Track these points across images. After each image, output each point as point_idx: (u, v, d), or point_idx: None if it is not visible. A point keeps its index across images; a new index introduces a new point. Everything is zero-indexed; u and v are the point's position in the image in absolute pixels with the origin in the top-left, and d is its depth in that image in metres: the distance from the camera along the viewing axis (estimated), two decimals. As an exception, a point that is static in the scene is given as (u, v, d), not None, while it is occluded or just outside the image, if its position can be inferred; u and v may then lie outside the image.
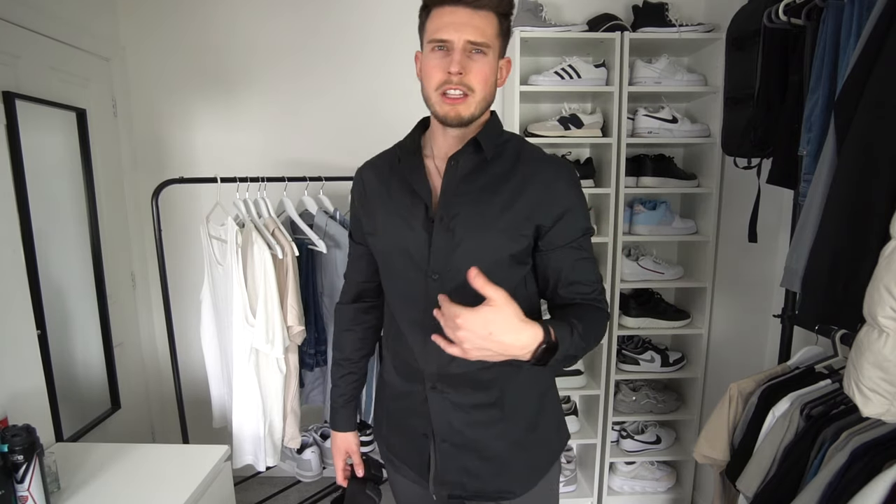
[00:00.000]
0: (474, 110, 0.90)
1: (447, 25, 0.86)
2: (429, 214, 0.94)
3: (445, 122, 0.91)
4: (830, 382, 1.25)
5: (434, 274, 0.94)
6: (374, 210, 1.02)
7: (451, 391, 0.99)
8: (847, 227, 0.98)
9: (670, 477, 2.25)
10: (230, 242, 1.59)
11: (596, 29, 1.93)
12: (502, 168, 0.95)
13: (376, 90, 2.18)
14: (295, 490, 2.19)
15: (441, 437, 1.01)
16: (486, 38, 0.87)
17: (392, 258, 1.00)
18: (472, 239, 0.92)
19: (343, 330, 1.17)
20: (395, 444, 1.11)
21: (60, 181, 1.82)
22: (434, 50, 0.88)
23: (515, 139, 1.00)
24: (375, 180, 1.03)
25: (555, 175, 0.94)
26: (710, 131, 1.99)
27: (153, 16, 2.13)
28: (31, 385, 1.41)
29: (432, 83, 0.89)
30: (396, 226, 0.97)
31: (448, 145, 0.96)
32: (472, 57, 0.87)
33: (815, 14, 1.17)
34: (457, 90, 0.88)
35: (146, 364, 2.31)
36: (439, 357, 0.93)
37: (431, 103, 0.91)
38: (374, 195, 1.02)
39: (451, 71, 0.86)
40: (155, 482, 1.31)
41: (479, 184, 0.94)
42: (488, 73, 0.89)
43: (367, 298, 1.15)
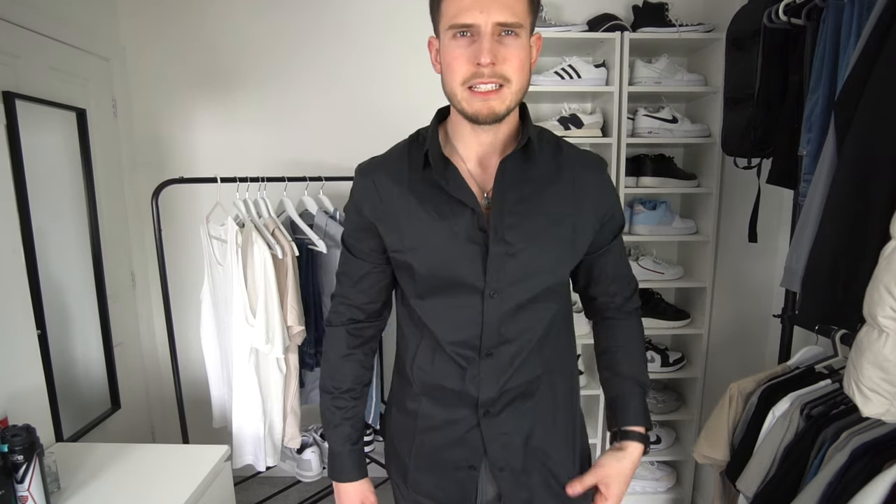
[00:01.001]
0: (510, 103, 0.78)
1: (471, 6, 0.73)
2: (477, 225, 0.83)
3: (477, 120, 0.79)
4: (830, 382, 1.25)
5: (492, 291, 0.84)
6: (402, 223, 0.86)
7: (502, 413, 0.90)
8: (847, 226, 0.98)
9: (670, 477, 2.25)
10: (230, 242, 1.59)
11: (596, 29, 1.93)
12: (545, 168, 0.86)
13: (376, 90, 2.18)
14: (295, 490, 2.19)
15: (498, 465, 0.92)
16: (518, 17, 0.74)
17: (437, 278, 0.86)
18: (531, 252, 0.84)
19: (341, 356, 0.97)
20: (427, 483, 0.96)
21: (60, 181, 1.82)
22: (456, 37, 0.75)
23: (547, 133, 0.91)
24: (395, 187, 0.86)
25: (598, 172, 0.90)
26: (710, 131, 1.99)
27: (153, 16, 2.13)
28: (31, 385, 1.41)
29: (457, 77, 0.76)
30: (441, 240, 0.84)
31: (480, 145, 0.85)
32: (502, 41, 0.74)
33: (815, 14, 1.17)
34: (489, 83, 0.75)
35: (146, 364, 2.31)
36: (497, 379, 0.88)
37: (458, 100, 0.78)
38: (397, 205, 0.86)
39: (482, 62, 0.73)
40: (155, 482, 1.31)
41: (528, 189, 0.85)
42: (524, 57, 0.77)
43: (367, 320, 0.98)
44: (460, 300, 0.86)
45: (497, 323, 0.85)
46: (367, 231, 0.90)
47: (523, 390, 0.91)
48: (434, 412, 0.93)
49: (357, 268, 0.94)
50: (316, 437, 2.10)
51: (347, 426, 0.96)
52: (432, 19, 0.82)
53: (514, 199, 0.84)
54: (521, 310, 0.86)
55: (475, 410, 0.90)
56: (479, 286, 0.84)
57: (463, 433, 0.91)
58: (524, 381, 0.90)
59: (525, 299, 0.85)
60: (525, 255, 0.84)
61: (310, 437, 2.08)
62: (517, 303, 0.85)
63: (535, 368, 0.91)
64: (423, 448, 0.95)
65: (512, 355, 0.88)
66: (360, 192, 0.90)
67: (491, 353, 0.87)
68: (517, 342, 0.88)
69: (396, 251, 0.88)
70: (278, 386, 1.69)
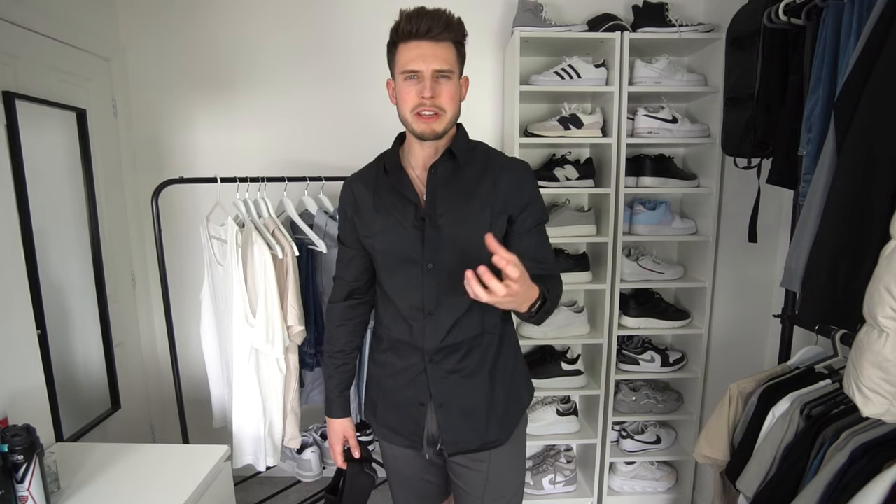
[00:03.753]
0: (446, 125, 1.07)
1: (416, 58, 1.02)
2: (418, 215, 1.11)
3: (423, 137, 1.07)
4: (830, 382, 1.25)
5: (429, 263, 1.11)
6: (368, 216, 1.17)
7: (445, 361, 1.16)
8: (847, 227, 0.98)
9: (670, 477, 2.25)
10: (230, 242, 1.59)
11: (596, 29, 1.93)
12: (475, 172, 1.14)
13: (376, 90, 2.17)
14: (295, 490, 2.19)
15: (438, 401, 1.17)
16: (450, 65, 1.04)
17: (391, 254, 1.16)
18: (457, 231, 1.10)
19: (336, 326, 1.29)
20: (390, 418, 1.24)
21: (60, 181, 1.82)
22: (407, 79, 1.05)
23: (481, 146, 1.19)
24: (365, 191, 1.18)
25: (520, 173, 1.15)
26: (710, 131, 1.99)
27: (153, 16, 2.13)
28: (31, 385, 1.41)
29: (408, 106, 1.06)
30: (392, 227, 1.13)
31: (425, 156, 1.13)
32: (439, 82, 1.04)
33: (815, 14, 1.17)
34: (430, 111, 1.04)
35: (146, 364, 2.31)
36: (436, 333, 1.14)
37: (408, 122, 1.08)
38: (366, 204, 1.17)
39: (425, 96, 1.03)
40: (155, 482, 1.31)
41: (457, 186, 1.12)
42: (454, 93, 1.07)
43: (357, 296, 1.28)
44: (408, 271, 1.13)
45: (435, 288, 1.12)
46: (351, 226, 1.21)
47: (461, 345, 1.15)
48: (395, 361, 1.21)
49: (347, 254, 1.25)
50: (316, 437, 2.10)
51: (337, 377, 1.30)
52: (389, 67, 1.12)
53: (445, 194, 1.11)
54: (451, 277, 1.09)
55: (422, 358, 1.16)
56: (419, 260, 1.12)
57: (414, 376, 1.18)
58: (464, 339, 1.15)
59: (453, 268, 1.08)
60: (451, 234, 1.10)
61: (310, 437, 2.08)
62: (448, 272, 1.10)
63: (474, 328, 1.16)
64: (387, 390, 1.24)
65: (448, 315, 1.13)
66: (344, 198, 1.24)
67: (432, 313, 1.13)
68: (451, 304, 1.13)
69: (364, 236, 1.18)
70: (278, 386, 1.69)
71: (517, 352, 1.29)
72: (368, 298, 1.30)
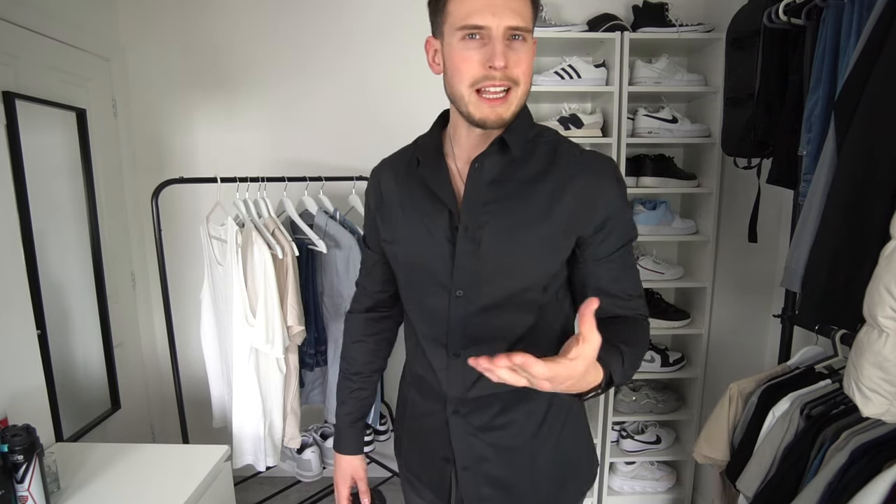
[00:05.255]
0: (516, 108, 0.78)
1: (483, 8, 0.72)
2: (453, 223, 0.84)
3: (484, 125, 0.78)
4: (830, 382, 1.25)
5: (458, 290, 0.84)
6: (392, 216, 0.91)
7: (475, 416, 0.90)
8: (847, 227, 0.98)
9: (670, 477, 2.25)
10: (230, 242, 1.59)
11: (596, 29, 1.93)
12: (535, 169, 0.83)
13: (377, 90, 2.18)
14: (295, 490, 2.19)
15: (462, 464, 0.92)
16: (527, 21, 0.74)
17: (413, 271, 0.90)
18: (501, 253, 0.82)
19: (354, 341, 1.06)
20: (414, 464, 1.02)
21: (60, 181, 1.82)
22: (465, 39, 0.74)
23: (549, 134, 0.87)
24: (393, 182, 0.92)
25: (595, 175, 0.82)
26: (710, 131, 1.99)
27: (153, 16, 2.13)
28: (31, 385, 1.41)
29: (466, 79, 0.75)
30: (417, 235, 0.87)
31: (472, 145, 0.84)
32: (511, 45, 0.74)
33: (815, 14, 1.17)
34: (500, 86, 0.75)
35: (146, 364, 2.31)
36: (464, 379, 0.88)
37: (465, 103, 0.77)
38: (391, 199, 0.92)
39: (496, 65, 0.72)
40: (155, 482, 1.31)
41: (509, 189, 0.82)
42: (531, 61, 0.77)
43: (382, 308, 1.05)
44: (432, 296, 0.87)
45: (462, 323, 0.85)
46: (374, 224, 0.97)
47: (495, 398, 0.89)
48: (417, 400, 0.98)
49: (370, 258, 1.02)
50: (316, 437, 2.10)
51: (350, 404, 1.05)
52: (432, 20, 0.81)
53: (489, 199, 0.83)
54: (487, 313, 0.84)
55: (445, 407, 0.92)
56: (447, 283, 0.85)
57: (437, 425, 0.94)
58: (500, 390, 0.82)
59: (491, 302, 0.84)
60: (492, 256, 0.82)
61: (310, 437, 2.08)
62: (483, 304, 0.84)
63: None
64: (412, 433, 1.01)
65: None
66: (370, 189, 0.98)
67: (458, 354, 0.87)
68: (485, 347, 0.84)
69: (385, 241, 0.93)
70: (278, 386, 1.69)
71: (577, 409, 0.96)
72: (394, 313, 1.05)
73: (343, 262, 1.75)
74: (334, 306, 1.81)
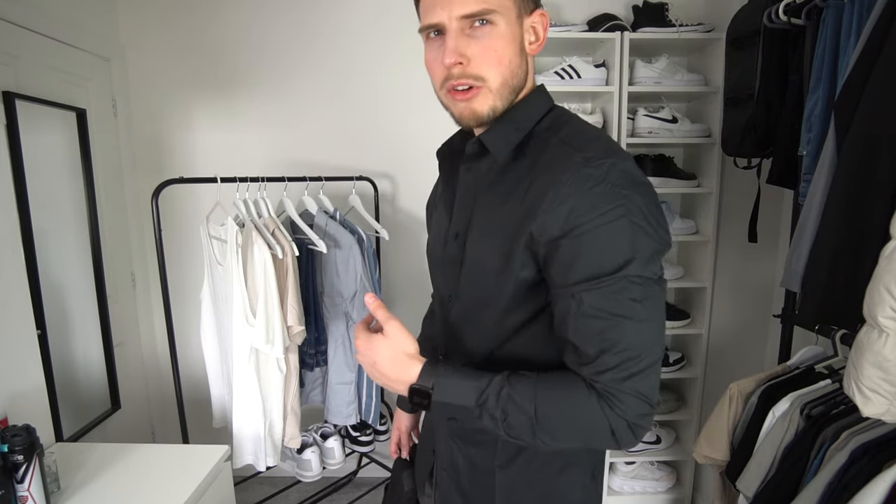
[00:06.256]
0: (494, 102, 0.68)
1: (434, 3, 0.66)
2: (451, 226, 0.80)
3: (461, 123, 0.72)
4: (830, 382, 1.25)
5: (450, 296, 0.79)
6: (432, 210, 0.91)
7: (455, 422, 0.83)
8: (847, 226, 0.98)
9: (670, 477, 2.25)
10: (230, 242, 1.59)
11: (596, 29, 1.93)
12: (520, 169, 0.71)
13: (377, 90, 2.18)
14: (295, 490, 2.19)
15: (441, 464, 0.88)
16: (488, 3, 0.64)
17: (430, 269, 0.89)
18: (473, 256, 0.75)
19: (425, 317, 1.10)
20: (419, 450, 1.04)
21: (60, 181, 1.82)
22: (429, 38, 0.70)
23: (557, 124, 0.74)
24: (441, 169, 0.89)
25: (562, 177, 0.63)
26: (710, 131, 1.99)
27: (153, 16, 2.13)
28: (31, 385, 1.41)
29: (436, 81, 0.71)
30: (434, 234, 0.86)
31: None
32: (473, 34, 0.66)
33: (815, 14, 1.17)
34: (461, 84, 0.67)
35: (146, 364, 2.31)
36: None
37: (444, 105, 0.73)
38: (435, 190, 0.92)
39: (446, 63, 0.66)
40: (155, 482, 1.31)
41: (495, 191, 0.73)
42: (500, 48, 0.66)
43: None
44: (438, 297, 0.88)
45: (446, 327, 0.83)
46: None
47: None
48: None
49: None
50: (316, 437, 2.09)
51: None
52: None
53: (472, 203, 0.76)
54: (468, 315, 0.78)
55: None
56: (442, 290, 0.84)
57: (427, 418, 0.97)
58: None
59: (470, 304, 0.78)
60: (468, 264, 0.76)
61: (310, 437, 2.08)
62: (464, 307, 0.78)
63: None
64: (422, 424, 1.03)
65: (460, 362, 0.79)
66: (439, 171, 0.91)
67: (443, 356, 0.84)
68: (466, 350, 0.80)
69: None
70: (278, 386, 1.69)
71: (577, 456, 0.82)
72: None
73: (343, 262, 1.75)
74: (334, 306, 1.81)
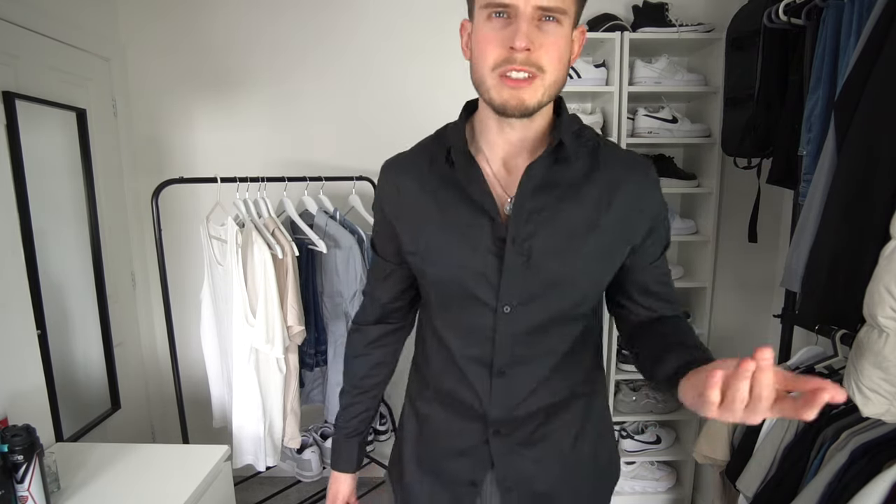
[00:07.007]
0: (542, 97, 0.70)
1: None
2: (495, 234, 0.76)
3: (504, 111, 0.71)
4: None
5: (506, 306, 0.77)
6: (416, 225, 0.82)
7: (517, 433, 0.84)
8: (847, 227, 0.98)
9: (670, 477, 2.25)
10: (230, 242, 1.59)
11: (596, 29, 1.93)
12: (580, 171, 0.77)
13: (376, 89, 2.18)
14: (295, 490, 2.19)
15: (505, 483, 0.86)
16: (562, 2, 0.67)
17: (450, 286, 0.81)
18: (555, 265, 0.76)
19: (355, 356, 0.97)
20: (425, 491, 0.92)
21: (60, 181, 1.82)
22: (490, 17, 0.68)
23: (589, 132, 0.81)
24: (415, 186, 0.82)
25: (643, 182, 0.79)
26: (710, 131, 1.99)
27: (153, 16, 2.13)
28: (31, 385, 1.41)
29: (488, 61, 0.69)
30: (455, 247, 0.78)
31: (508, 144, 0.78)
32: (542, 27, 0.67)
33: (815, 14, 1.17)
34: (522, 71, 0.67)
35: (146, 364, 2.31)
36: (510, 398, 0.82)
37: (486, 87, 0.71)
38: (415, 205, 0.81)
39: (517, 46, 0.65)
40: (155, 482, 1.31)
41: (557, 193, 0.76)
42: (563, 47, 0.69)
43: (393, 320, 0.96)
44: (473, 314, 0.80)
45: (510, 341, 0.79)
46: (387, 231, 0.86)
47: (542, 412, 0.84)
48: (444, 418, 0.88)
49: (382, 267, 0.92)
50: (316, 437, 2.10)
51: (343, 419, 0.98)
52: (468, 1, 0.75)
53: (538, 207, 0.76)
54: (539, 329, 0.79)
55: (484, 428, 0.84)
56: (492, 301, 0.78)
57: (469, 446, 0.86)
58: (543, 406, 0.83)
59: (544, 318, 0.79)
60: (544, 269, 0.76)
61: (310, 437, 2.08)
62: (534, 321, 0.79)
63: (559, 391, 0.84)
64: (426, 454, 0.91)
65: (527, 377, 0.82)
66: (382, 189, 0.87)
67: (504, 373, 0.81)
68: (534, 364, 0.81)
69: (410, 253, 0.83)
70: (278, 386, 1.69)
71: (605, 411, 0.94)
72: (407, 323, 0.98)
73: (343, 262, 1.75)
74: (334, 306, 1.81)
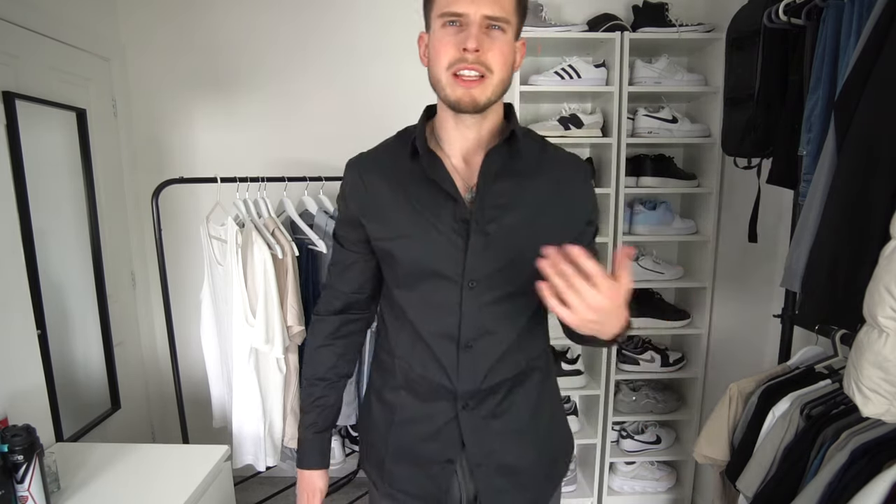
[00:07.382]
0: (490, 94, 0.81)
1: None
2: (458, 216, 0.85)
3: (458, 107, 0.82)
4: (830, 382, 1.25)
5: (471, 282, 0.86)
6: (385, 213, 0.89)
7: (483, 406, 0.91)
8: (847, 227, 0.98)
9: (670, 477, 2.25)
10: (230, 242, 1.59)
11: (596, 29, 1.93)
12: (532, 163, 0.89)
13: (376, 89, 2.18)
14: (295, 490, 2.19)
15: (475, 460, 0.92)
16: (506, 13, 0.79)
17: (416, 266, 0.88)
18: (518, 243, 0.85)
19: (319, 346, 1.01)
20: (403, 478, 0.96)
21: (60, 181, 1.82)
22: (445, 25, 0.79)
23: (532, 132, 0.95)
24: (382, 182, 0.90)
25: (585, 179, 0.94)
26: (710, 131, 1.99)
27: (153, 16, 2.13)
28: (31, 385, 1.41)
29: (443, 62, 0.80)
30: (421, 229, 0.86)
31: (464, 140, 0.88)
32: (489, 33, 0.79)
33: (815, 14, 1.17)
34: (472, 70, 0.78)
35: (146, 364, 2.31)
36: (475, 371, 0.89)
37: (442, 86, 0.82)
38: (383, 199, 0.89)
39: (468, 47, 0.77)
40: (155, 482, 1.31)
41: (514, 181, 0.87)
42: (507, 52, 0.81)
43: (354, 311, 1.01)
44: (440, 290, 0.87)
45: (476, 314, 0.87)
46: (353, 223, 0.94)
47: (501, 385, 0.92)
48: (412, 404, 0.94)
49: (345, 257, 0.98)
50: (316, 437, 2.09)
51: (314, 413, 1.00)
52: (424, 14, 0.85)
53: (498, 192, 0.86)
54: (501, 302, 0.88)
55: (454, 403, 0.91)
56: (457, 277, 0.86)
57: (440, 426, 0.92)
58: (507, 377, 0.91)
59: (507, 291, 0.88)
60: (505, 246, 0.85)
61: (310, 437, 2.08)
62: (498, 294, 0.87)
63: (519, 363, 0.92)
64: (399, 441, 0.96)
65: (491, 349, 0.89)
66: (349, 185, 0.94)
67: (470, 346, 0.88)
68: (497, 336, 0.89)
69: (379, 239, 0.91)
70: (278, 386, 1.69)
71: (555, 387, 1.04)
72: (368, 316, 1.03)
73: (343, 262, 1.75)
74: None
